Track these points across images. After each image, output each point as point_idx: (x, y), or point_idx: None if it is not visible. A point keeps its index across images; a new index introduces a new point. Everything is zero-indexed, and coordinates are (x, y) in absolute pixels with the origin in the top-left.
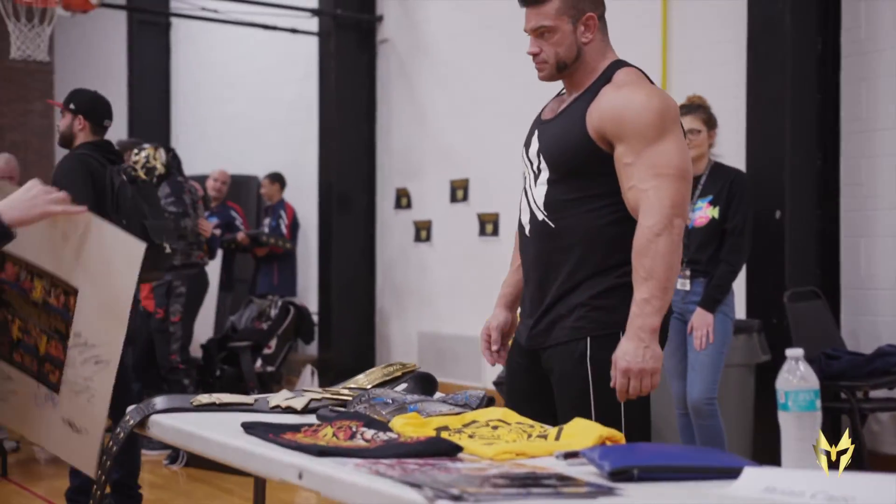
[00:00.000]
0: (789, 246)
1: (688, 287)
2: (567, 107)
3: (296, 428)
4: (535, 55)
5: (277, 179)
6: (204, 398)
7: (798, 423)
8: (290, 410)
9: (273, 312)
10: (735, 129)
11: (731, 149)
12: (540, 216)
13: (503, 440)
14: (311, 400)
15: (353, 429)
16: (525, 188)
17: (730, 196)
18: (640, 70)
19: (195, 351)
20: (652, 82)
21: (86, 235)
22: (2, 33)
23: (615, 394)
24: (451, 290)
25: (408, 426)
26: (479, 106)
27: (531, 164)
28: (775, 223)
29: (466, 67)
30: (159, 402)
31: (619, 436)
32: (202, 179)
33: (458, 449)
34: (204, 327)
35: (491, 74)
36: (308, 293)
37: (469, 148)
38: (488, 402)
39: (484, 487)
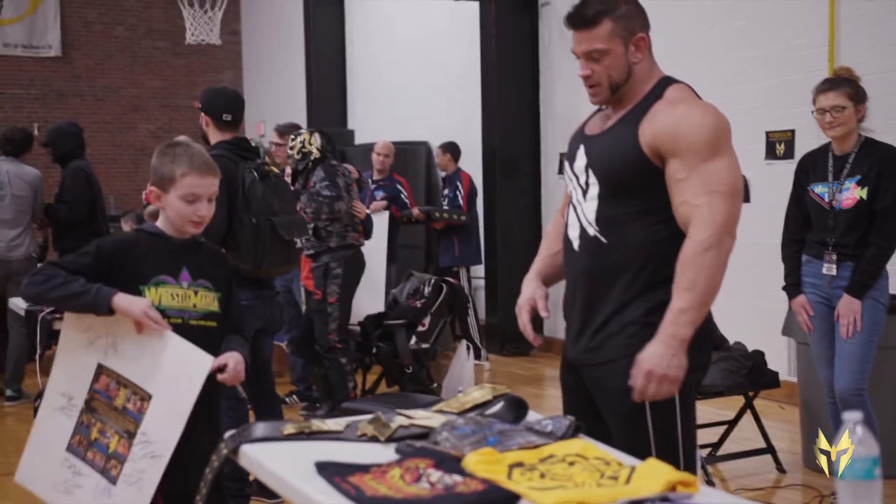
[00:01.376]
0: None
1: (834, 272)
2: (616, 122)
3: (366, 468)
4: (586, 78)
5: (449, 150)
6: (293, 427)
7: (854, 493)
8: (375, 439)
9: (427, 290)
10: None
11: None
12: (591, 231)
13: (574, 481)
14: (399, 427)
15: (421, 470)
16: (573, 203)
17: (880, 175)
18: (690, 86)
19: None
20: (700, 98)
21: (163, 349)
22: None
23: (670, 411)
24: None
25: (480, 464)
26: None
27: (577, 178)
28: None
29: None
30: (254, 430)
31: (692, 479)
32: (371, 149)
33: (516, 498)
34: (376, 300)
35: (652, 34)
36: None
37: None
38: (575, 429)
39: None
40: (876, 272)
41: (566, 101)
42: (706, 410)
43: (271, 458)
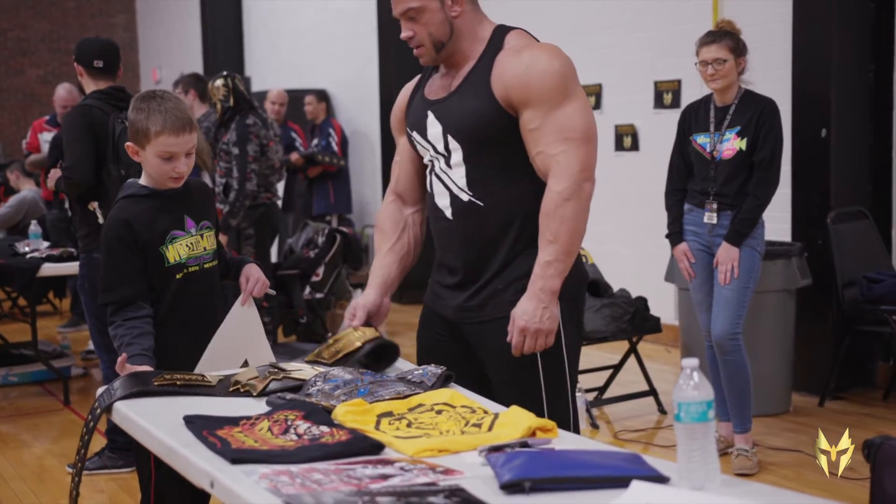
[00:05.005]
0: (835, 165)
1: (715, 220)
2: (463, 82)
3: (235, 421)
4: (409, 39)
5: (323, 98)
6: (165, 377)
7: (689, 435)
8: (248, 393)
9: (320, 240)
10: (783, 40)
11: (779, 63)
12: (465, 197)
13: (439, 429)
14: (272, 380)
15: (289, 422)
16: (436, 172)
17: (758, 127)
18: (526, 31)
19: None
20: (538, 41)
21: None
22: None
23: (561, 361)
24: None
25: (349, 415)
26: (538, 19)
27: (433, 147)
28: (821, 142)
29: None
30: (126, 385)
31: (551, 425)
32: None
33: (380, 447)
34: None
35: None
36: (372, 207)
37: None
38: (445, 379)
39: None
40: (753, 221)
41: None
42: (593, 355)
43: (142, 413)
